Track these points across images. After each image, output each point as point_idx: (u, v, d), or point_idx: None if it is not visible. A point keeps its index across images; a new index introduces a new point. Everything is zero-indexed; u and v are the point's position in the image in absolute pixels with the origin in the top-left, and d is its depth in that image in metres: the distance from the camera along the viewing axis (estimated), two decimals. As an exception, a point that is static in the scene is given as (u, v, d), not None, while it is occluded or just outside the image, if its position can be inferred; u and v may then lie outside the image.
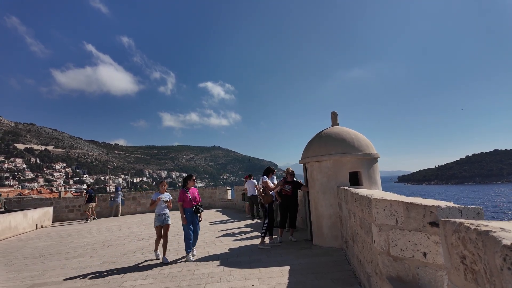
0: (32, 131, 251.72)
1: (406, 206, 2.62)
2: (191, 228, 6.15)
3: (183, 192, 6.29)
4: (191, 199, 6.24)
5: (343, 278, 4.43)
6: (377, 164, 6.68)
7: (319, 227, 6.53)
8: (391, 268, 2.76)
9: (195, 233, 6.32)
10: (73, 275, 5.64)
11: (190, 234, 6.11)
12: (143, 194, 18.25)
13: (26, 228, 12.64)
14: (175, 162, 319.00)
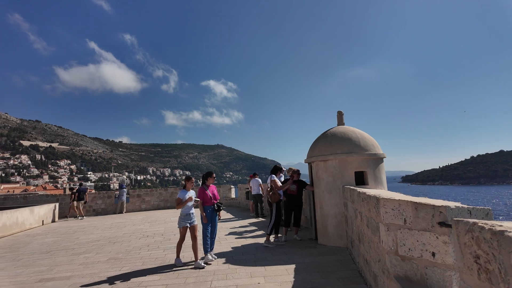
0: (37, 128, 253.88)
1: (415, 206, 2.63)
2: (209, 227, 5.93)
3: (203, 190, 6.03)
4: (211, 197, 6.02)
5: (348, 277, 4.45)
6: (383, 164, 6.67)
7: (324, 226, 6.54)
8: (399, 268, 2.77)
9: (214, 232, 6.06)
10: (80, 271, 5.71)
11: (209, 233, 5.90)
12: (148, 191, 18.36)
13: (32, 224, 12.78)
14: (178, 160, 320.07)
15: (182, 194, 5.89)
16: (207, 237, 5.84)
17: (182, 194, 5.90)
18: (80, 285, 4.87)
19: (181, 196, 5.88)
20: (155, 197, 18.06)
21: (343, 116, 7.28)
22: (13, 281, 5.36)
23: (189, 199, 5.88)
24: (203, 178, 6.17)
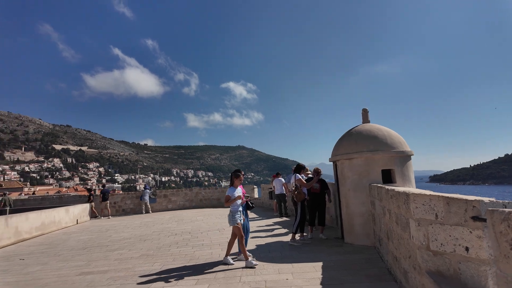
0: (68, 132, 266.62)
1: (447, 201, 2.62)
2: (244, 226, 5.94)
3: (235, 190, 5.98)
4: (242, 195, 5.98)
5: (377, 274, 4.43)
6: (410, 162, 6.55)
7: (351, 225, 6.51)
8: (430, 263, 2.76)
9: (247, 230, 6.08)
10: (115, 266, 6.03)
11: (245, 231, 5.89)
12: (174, 192, 18.90)
13: (68, 223, 13.52)
14: (201, 161, 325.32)
15: (231, 192, 5.71)
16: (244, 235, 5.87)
17: (231, 191, 5.73)
18: (117, 278, 5.15)
19: (230, 193, 5.69)
20: (180, 197, 18.55)
21: (368, 113, 7.21)
22: (56, 274, 5.74)
23: (238, 197, 5.71)
24: (231, 176, 6.23)
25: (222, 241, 7.73)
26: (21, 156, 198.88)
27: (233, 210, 5.64)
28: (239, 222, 5.57)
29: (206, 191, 19.30)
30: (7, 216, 9.88)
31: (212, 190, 19.41)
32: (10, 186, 77.12)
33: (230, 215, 5.65)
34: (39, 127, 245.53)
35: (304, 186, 7.08)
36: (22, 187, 77.96)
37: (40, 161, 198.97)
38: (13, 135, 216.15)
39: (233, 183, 5.98)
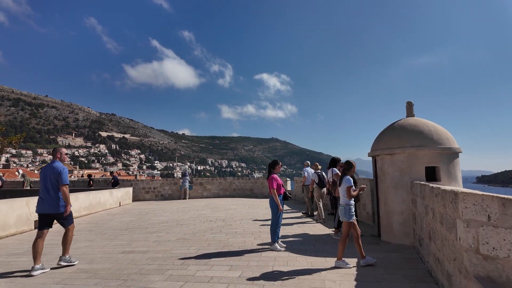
0: (113, 120, 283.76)
1: (502, 202, 2.41)
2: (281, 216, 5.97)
3: (276, 178, 5.96)
4: (281, 185, 6.01)
5: (416, 275, 4.23)
6: (458, 160, 6.11)
7: (389, 223, 6.26)
8: (480, 267, 2.57)
9: (280, 221, 5.99)
10: (154, 247, 6.35)
11: (279, 222, 5.92)
12: (209, 180, 19.44)
13: (112, 205, 14.48)
14: (235, 152, 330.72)
15: (350, 182, 4.93)
16: (279, 226, 5.92)
17: (349, 181, 4.93)
18: (156, 259, 5.43)
19: (350, 183, 4.91)
20: (215, 186, 19.04)
21: (413, 107, 6.81)
22: (102, 251, 6.19)
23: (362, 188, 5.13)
24: (269, 166, 6.22)
25: (255, 230, 7.82)
26: (72, 142, 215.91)
27: (349, 203, 4.90)
28: (355, 219, 4.92)
29: (240, 181, 19.60)
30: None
31: (245, 181, 19.67)
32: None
33: (347, 208, 4.87)
34: (87, 115, 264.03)
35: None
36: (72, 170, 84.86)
37: (88, 147, 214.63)
38: (65, 122, 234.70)
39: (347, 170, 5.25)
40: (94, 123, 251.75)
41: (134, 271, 4.72)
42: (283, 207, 6.01)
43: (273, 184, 5.86)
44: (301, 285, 3.95)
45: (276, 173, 6.13)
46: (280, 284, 4.01)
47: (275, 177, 5.96)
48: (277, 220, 5.89)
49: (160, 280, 4.28)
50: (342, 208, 4.93)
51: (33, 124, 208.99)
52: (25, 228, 8.53)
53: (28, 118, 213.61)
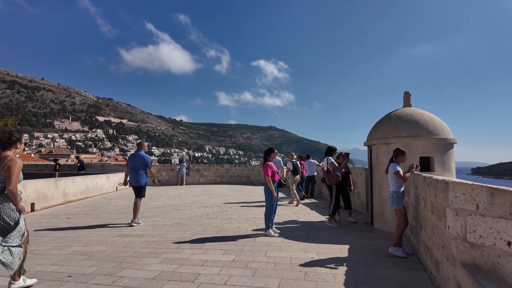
0: (110, 105, 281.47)
1: (491, 192, 2.45)
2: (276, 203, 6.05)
3: (271, 166, 6.02)
4: (276, 172, 6.06)
5: (406, 262, 4.33)
6: (452, 150, 6.17)
7: (382, 212, 6.35)
8: (466, 255, 2.63)
9: (275, 207, 6.08)
10: (150, 231, 6.43)
11: (274, 209, 6.01)
12: (206, 167, 19.51)
13: (108, 189, 14.54)
14: (232, 140, 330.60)
15: (396, 167, 4.71)
16: (273, 212, 6.00)
17: (395, 167, 4.72)
18: (151, 242, 5.51)
19: (396, 169, 4.70)
20: (212, 173, 19.12)
21: (411, 97, 6.80)
22: (98, 234, 6.26)
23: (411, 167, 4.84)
24: (265, 153, 6.26)
25: (250, 216, 7.92)
26: (69, 126, 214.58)
27: (397, 191, 4.70)
28: (404, 206, 4.75)
29: (237, 168, 19.69)
30: (57, 178, 10.80)
31: (242, 168, 19.76)
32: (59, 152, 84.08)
33: (394, 196, 4.68)
34: (84, 99, 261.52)
35: (337, 169, 6.97)
36: (69, 154, 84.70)
37: (85, 131, 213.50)
38: (62, 106, 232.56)
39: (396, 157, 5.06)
40: (91, 108, 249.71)
41: (129, 254, 4.79)
42: (277, 194, 6.07)
43: (268, 171, 5.90)
44: (293, 269, 4.04)
45: (271, 160, 6.17)
46: (273, 268, 4.10)
47: (270, 165, 6.00)
48: (271, 207, 5.96)
49: (155, 263, 4.36)
50: (390, 196, 4.76)
51: (29, 107, 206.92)
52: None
53: (24, 101, 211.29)
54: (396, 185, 4.75)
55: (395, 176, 4.74)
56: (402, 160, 4.85)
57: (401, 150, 4.88)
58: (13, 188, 3.23)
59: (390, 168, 4.83)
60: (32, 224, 7.22)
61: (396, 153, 4.89)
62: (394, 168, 4.74)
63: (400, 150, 4.88)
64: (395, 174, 4.71)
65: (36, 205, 9.18)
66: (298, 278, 3.75)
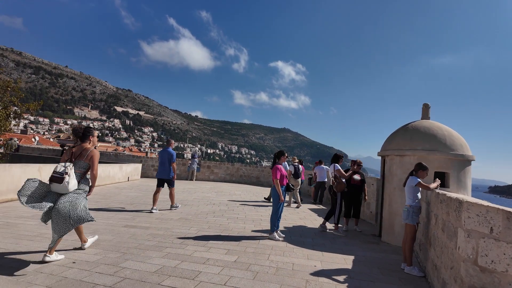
0: (129, 96, 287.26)
1: (507, 216, 2.34)
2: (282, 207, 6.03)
3: (281, 169, 5.96)
4: (285, 176, 6.06)
5: (412, 279, 4.20)
6: (469, 168, 5.96)
7: (391, 225, 6.20)
8: (476, 279, 2.52)
9: (281, 212, 6.04)
10: (156, 224, 6.49)
11: (280, 212, 5.95)
12: (217, 164, 19.62)
13: (120, 179, 14.81)
14: (245, 139, 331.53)
15: (416, 180, 4.55)
16: (279, 216, 5.95)
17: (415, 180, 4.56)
18: (156, 236, 5.56)
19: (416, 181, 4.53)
20: (222, 170, 19.20)
21: (430, 109, 6.62)
22: (106, 223, 6.36)
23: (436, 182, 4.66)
24: (275, 156, 6.23)
25: (256, 217, 7.89)
26: (88, 114, 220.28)
27: (415, 205, 4.52)
28: (418, 223, 4.62)
29: (247, 168, 19.70)
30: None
31: (253, 168, 19.76)
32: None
33: (410, 210, 4.49)
34: (104, 88, 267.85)
35: (343, 176, 6.88)
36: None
37: (102, 120, 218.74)
38: (83, 94, 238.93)
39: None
40: (111, 98, 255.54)
41: (133, 245, 4.85)
42: (285, 198, 6.02)
43: (277, 174, 5.86)
44: (295, 276, 3.99)
45: (281, 163, 6.13)
46: (274, 273, 4.05)
47: (279, 168, 5.95)
48: (277, 210, 5.91)
49: (158, 256, 4.39)
50: (405, 210, 4.57)
51: (52, 93, 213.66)
52: (36, 193, 8.84)
53: (48, 87, 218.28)
54: (413, 199, 4.56)
55: (413, 190, 4.57)
56: (423, 175, 4.65)
57: (423, 165, 4.68)
58: (95, 172, 4.24)
59: (409, 181, 4.64)
60: (44, 207, 7.42)
61: (417, 167, 4.69)
62: (414, 180, 4.57)
63: (423, 165, 4.68)
64: (417, 185, 4.52)
65: (49, 189, 9.44)
66: (299, 285, 3.69)
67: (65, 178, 3.88)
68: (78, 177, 4.12)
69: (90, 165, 4.20)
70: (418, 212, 4.55)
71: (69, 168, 3.97)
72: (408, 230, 4.54)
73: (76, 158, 4.17)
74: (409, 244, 4.50)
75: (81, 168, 4.17)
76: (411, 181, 4.61)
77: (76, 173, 4.10)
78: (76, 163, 4.14)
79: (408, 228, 4.55)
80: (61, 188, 3.92)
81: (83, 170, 4.19)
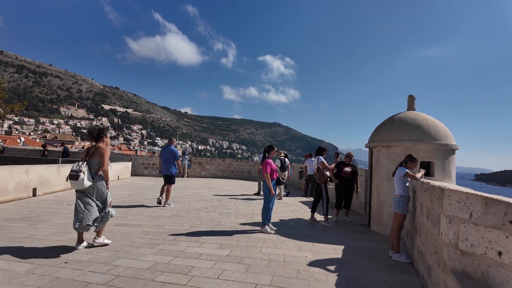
0: (116, 94, 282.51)
1: (485, 201, 2.45)
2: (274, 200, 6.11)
3: (271, 163, 6.00)
4: (275, 170, 6.12)
5: (399, 266, 4.34)
6: (453, 157, 6.14)
7: (379, 214, 6.36)
8: (457, 262, 2.64)
9: (272, 204, 6.10)
10: (148, 222, 6.50)
11: (271, 206, 6.02)
12: (208, 160, 19.58)
13: (110, 178, 14.66)
14: (236, 134, 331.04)
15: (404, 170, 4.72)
16: (270, 209, 6.02)
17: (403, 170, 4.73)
18: (148, 233, 5.57)
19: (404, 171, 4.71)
20: (213, 166, 19.20)
21: (415, 101, 6.76)
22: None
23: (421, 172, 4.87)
24: (264, 151, 6.30)
25: (248, 212, 7.97)
26: (74, 113, 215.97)
27: (404, 195, 4.68)
28: (408, 212, 4.77)
29: (238, 163, 19.74)
30: (59, 165, 10.92)
31: (244, 163, 19.81)
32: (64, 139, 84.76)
33: (401, 200, 4.66)
34: (91, 86, 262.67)
35: (326, 169, 7.02)
36: (74, 141, 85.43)
37: (90, 119, 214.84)
38: (69, 92, 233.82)
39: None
40: (98, 96, 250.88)
41: (126, 243, 4.86)
42: (275, 191, 6.10)
43: (267, 168, 5.93)
44: (286, 267, 4.08)
45: (271, 158, 6.19)
46: (266, 265, 4.14)
47: (269, 162, 6.02)
48: (268, 204, 5.99)
49: (150, 253, 4.42)
50: (395, 200, 4.72)
51: (36, 93, 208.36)
52: (24, 195, 8.70)
53: (32, 86, 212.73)
54: (402, 188, 4.70)
55: (402, 180, 4.72)
56: (412, 167, 4.80)
57: (413, 157, 4.83)
58: (105, 168, 4.57)
59: (399, 171, 4.80)
60: (33, 209, 7.33)
61: (407, 158, 4.84)
62: (403, 171, 4.72)
63: (413, 157, 4.84)
64: (405, 176, 4.67)
65: (38, 190, 9.30)
66: (290, 276, 3.78)
67: (80, 176, 4.30)
68: (93, 174, 4.52)
69: (101, 161, 4.55)
70: (407, 201, 4.70)
71: (83, 166, 4.40)
72: (397, 219, 4.69)
73: (90, 157, 4.58)
74: (396, 232, 4.65)
75: (95, 165, 4.56)
76: (400, 172, 4.76)
77: (92, 170, 4.53)
78: (90, 161, 4.56)
79: (397, 217, 4.69)
80: (77, 185, 4.33)
81: (96, 167, 4.57)
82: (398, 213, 4.68)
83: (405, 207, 4.66)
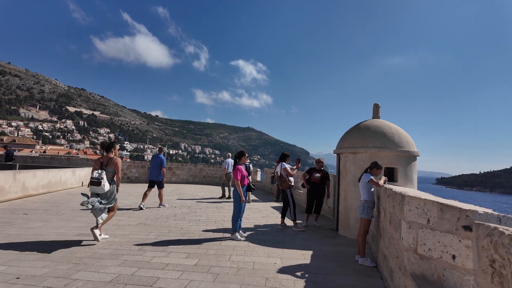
0: (82, 96, 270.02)
1: (441, 207, 2.58)
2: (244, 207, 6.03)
3: (241, 169, 5.97)
4: (246, 176, 6.08)
5: (365, 270, 4.47)
6: (415, 163, 6.46)
7: (346, 219, 6.53)
8: (416, 266, 2.76)
9: (243, 211, 6.03)
10: (112, 231, 6.21)
11: (242, 212, 5.96)
12: (178, 165, 19.14)
13: (73, 184, 13.91)
14: (209, 138, 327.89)
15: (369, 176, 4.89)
16: (240, 216, 5.96)
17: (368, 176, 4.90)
18: (112, 243, 5.32)
19: (369, 177, 4.87)
20: (185, 172, 18.81)
21: (380, 109, 7.06)
22: (56, 232, 5.96)
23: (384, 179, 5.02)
24: (235, 157, 6.24)
25: (218, 218, 7.87)
26: (36, 114, 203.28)
27: (369, 200, 4.86)
28: (373, 217, 4.93)
29: (210, 168, 19.50)
30: (16, 171, 10.19)
31: (216, 168, 19.60)
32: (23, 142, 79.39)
33: (366, 205, 4.84)
34: (54, 87, 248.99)
35: (289, 175, 7.15)
36: (34, 144, 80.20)
37: (53, 121, 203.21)
38: (29, 93, 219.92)
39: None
40: (62, 97, 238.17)
41: (87, 255, 4.60)
42: (246, 198, 6.07)
43: (238, 175, 5.89)
44: (255, 275, 4.05)
45: (242, 164, 6.17)
46: (235, 273, 4.09)
47: (240, 168, 5.99)
48: (239, 211, 5.94)
49: (113, 265, 4.21)
50: (361, 205, 4.85)
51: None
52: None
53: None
54: (367, 194, 4.88)
55: (367, 185, 4.89)
56: (377, 173, 5.00)
57: (378, 164, 5.03)
58: (120, 176, 5.58)
59: (364, 177, 4.98)
60: (-17, 219, 6.75)
61: (373, 165, 5.03)
62: (367, 177, 4.89)
63: (378, 164, 5.03)
64: (369, 182, 4.84)
65: (-10, 198, 8.61)
66: (258, 284, 3.76)
67: (102, 182, 5.21)
68: (109, 180, 5.42)
69: (115, 170, 5.49)
70: (372, 206, 4.88)
71: (103, 174, 5.30)
72: (363, 223, 4.85)
73: (105, 165, 5.47)
74: (362, 237, 4.79)
75: (110, 173, 5.47)
76: (365, 178, 4.95)
77: (108, 177, 5.42)
78: (107, 169, 5.45)
79: (363, 222, 4.85)
80: (99, 189, 5.26)
81: (111, 174, 5.49)
82: (363, 218, 4.85)
83: (370, 212, 4.84)
